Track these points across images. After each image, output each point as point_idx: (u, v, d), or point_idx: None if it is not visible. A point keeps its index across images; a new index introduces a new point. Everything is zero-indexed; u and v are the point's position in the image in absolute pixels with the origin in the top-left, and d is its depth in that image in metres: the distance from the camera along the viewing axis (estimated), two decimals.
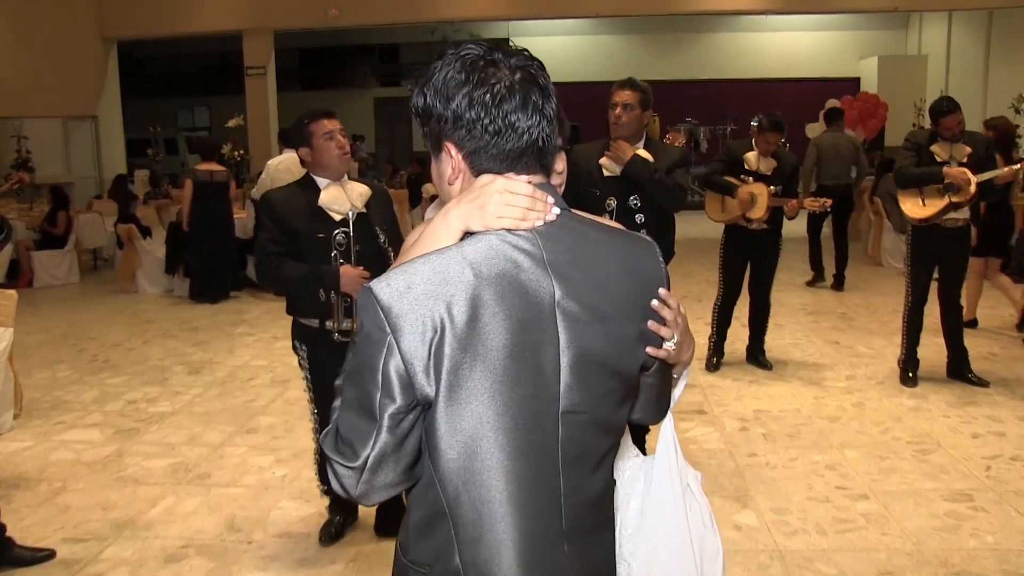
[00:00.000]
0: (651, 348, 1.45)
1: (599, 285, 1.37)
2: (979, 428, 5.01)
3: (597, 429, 1.41)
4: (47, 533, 3.93)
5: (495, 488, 1.34)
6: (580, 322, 1.35)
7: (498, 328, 1.30)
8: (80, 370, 6.77)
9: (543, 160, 1.40)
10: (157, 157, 16.52)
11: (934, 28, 18.84)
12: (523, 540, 1.36)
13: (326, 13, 15.03)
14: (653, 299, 1.44)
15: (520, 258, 1.33)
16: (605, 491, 1.47)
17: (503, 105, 1.33)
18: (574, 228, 1.40)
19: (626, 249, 1.44)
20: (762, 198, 5.91)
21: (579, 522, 1.42)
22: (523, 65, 1.37)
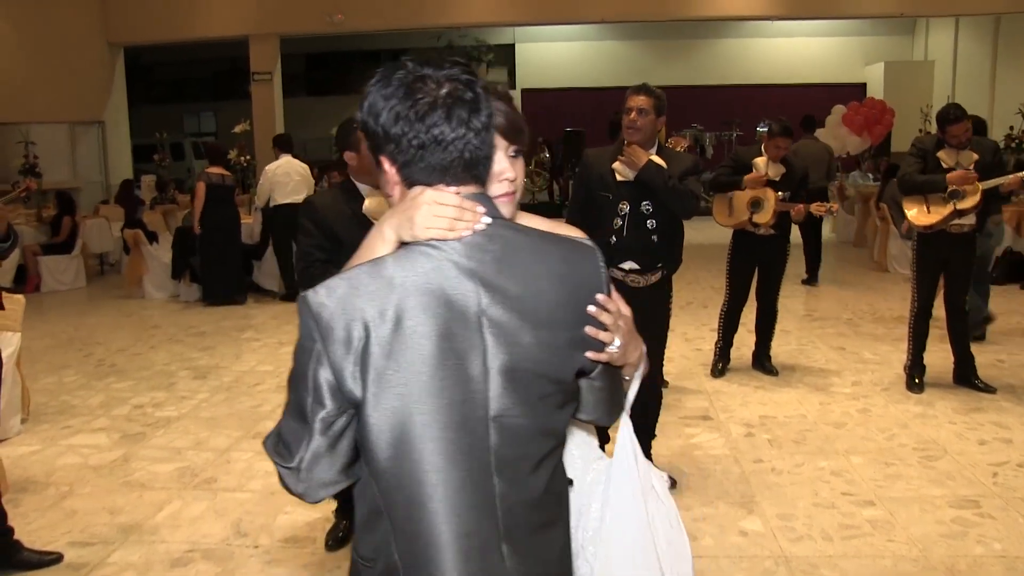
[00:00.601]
0: (591, 353, 1.47)
1: (527, 292, 1.40)
2: (986, 434, 5.00)
3: (532, 433, 1.44)
4: (54, 537, 3.94)
5: (426, 489, 1.39)
6: (508, 329, 1.38)
7: (422, 336, 1.35)
8: (87, 375, 6.79)
9: (474, 171, 1.42)
10: (163, 162, 16.58)
11: (941, 34, 18.83)
12: (457, 540, 1.40)
13: (332, 19, 15.07)
14: (590, 305, 1.46)
15: (446, 268, 1.37)
16: (549, 492, 1.49)
17: (426, 119, 1.36)
18: (505, 237, 1.42)
19: (559, 256, 1.46)
20: (769, 203, 5.92)
21: (518, 523, 1.44)
22: (452, 79, 1.39)
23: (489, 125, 1.42)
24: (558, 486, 1.53)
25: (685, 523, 3.89)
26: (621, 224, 4.06)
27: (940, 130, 5.54)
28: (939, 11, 16.05)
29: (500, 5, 15.34)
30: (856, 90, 19.54)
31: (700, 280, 10.27)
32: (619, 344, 1.50)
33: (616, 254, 4.07)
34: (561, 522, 1.55)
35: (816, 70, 20.97)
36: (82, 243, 11.35)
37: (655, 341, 4.28)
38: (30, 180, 11.37)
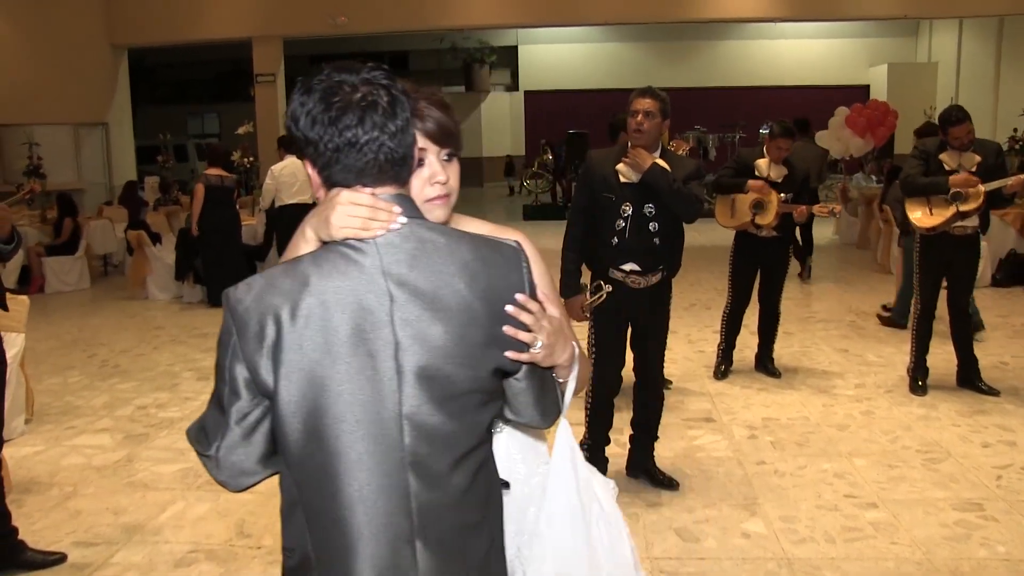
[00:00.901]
0: (512, 353, 1.47)
1: (440, 291, 1.42)
2: (989, 437, 4.99)
3: (447, 431, 1.44)
4: (58, 537, 3.95)
5: (338, 483, 1.42)
6: (419, 328, 1.41)
7: (333, 332, 1.39)
8: (90, 375, 6.80)
9: (391, 173, 1.45)
10: (167, 164, 16.61)
11: (944, 35, 18.83)
12: (368, 534, 1.42)
13: (335, 21, 15.10)
14: (508, 304, 1.46)
15: (359, 266, 1.41)
16: (471, 493, 1.49)
17: (339, 123, 1.40)
18: (421, 236, 1.44)
19: (477, 256, 1.46)
20: (772, 204, 5.91)
21: (434, 522, 1.45)
22: (367, 83, 1.42)
23: (406, 128, 1.45)
24: (484, 488, 1.52)
25: (688, 525, 3.90)
26: (624, 226, 4.07)
27: (942, 132, 5.54)
28: (942, 13, 16.05)
29: (503, 7, 15.35)
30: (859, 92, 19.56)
31: (703, 282, 10.27)
32: (543, 344, 1.49)
33: (618, 255, 4.09)
34: (487, 525, 1.53)
35: (819, 72, 20.98)
36: (86, 244, 11.36)
37: (655, 342, 4.29)
38: (34, 182, 11.39)
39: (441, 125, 1.61)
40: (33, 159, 13.23)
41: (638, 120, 4.03)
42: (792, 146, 6.10)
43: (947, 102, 11.66)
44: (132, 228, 10.84)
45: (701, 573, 3.54)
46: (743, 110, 19.33)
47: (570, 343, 1.58)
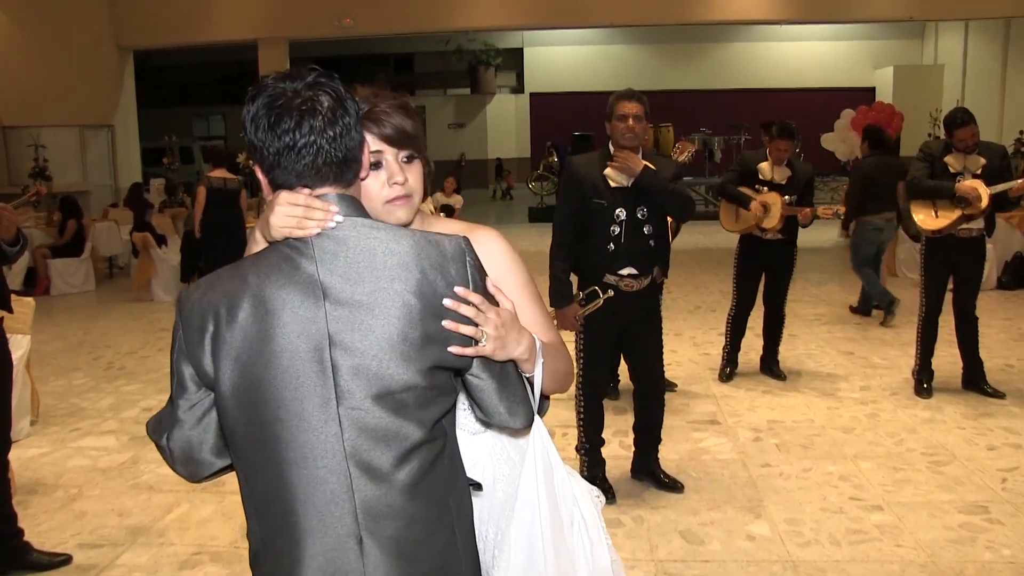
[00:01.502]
0: (455, 348, 1.47)
1: (374, 288, 1.44)
2: (995, 440, 4.98)
3: (385, 427, 1.44)
4: (63, 539, 3.96)
5: (280, 477, 1.45)
6: (351, 324, 1.43)
7: (268, 330, 1.43)
8: (96, 377, 6.82)
9: (332, 173, 1.49)
10: (172, 166, 16.64)
11: (950, 37, 18.80)
12: (312, 532, 1.45)
13: (341, 23, 15.13)
14: (446, 299, 1.46)
15: (293, 264, 1.45)
16: (419, 491, 1.48)
17: (278, 127, 1.44)
18: (358, 234, 1.47)
19: (415, 252, 1.47)
20: (776, 207, 5.90)
21: (379, 518, 1.45)
22: (310, 87, 1.47)
23: (348, 132, 1.49)
24: (440, 486, 1.51)
25: (692, 527, 3.90)
26: (619, 231, 4.06)
27: (947, 134, 5.53)
28: (949, 15, 16.04)
29: (508, 9, 15.37)
30: (865, 94, 19.54)
31: (708, 284, 10.26)
32: (490, 337, 1.49)
33: (616, 261, 4.07)
34: (444, 524, 1.52)
35: (825, 74, 20.97)
36: (91, 246, 11.39)
37: (654, 341, 4.29)
38: (40, 184, 11.42)
39: (398, 128, 1.64)
40: (39, 161, 13.28)
41: (629, 124, 4.03)
42: (792, 147, 6.09)
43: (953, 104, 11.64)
44: (137, 230, 10.86)
45: (706, 575, 3.54)
46: (748, 112, 19.31)
47: (526, 334, 1.57)
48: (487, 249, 1.72)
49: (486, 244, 1.74)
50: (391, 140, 1.64)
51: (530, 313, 1.76)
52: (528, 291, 1.78)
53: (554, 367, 1.69)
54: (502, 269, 1.74)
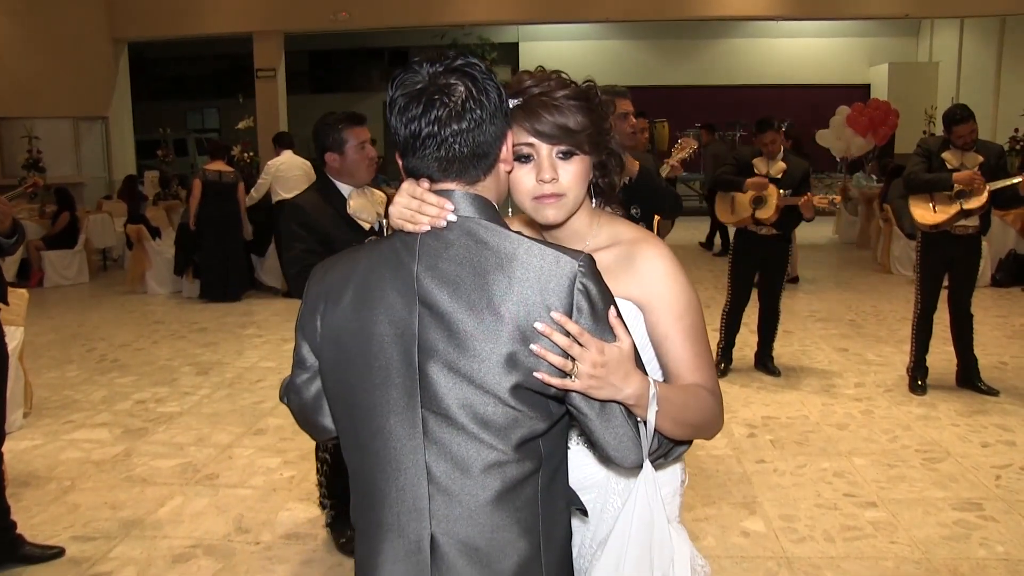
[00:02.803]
0: (542, 375, 1.38)
1: (468, 295, 1.39)
2: (989, 437, 4.99)
3: (460, 432, 1.41)
4: (56, 531, 3.94)
5: (363, 462, 1.49)
6: (440, 327, 1.39)
7: (365, 320, 1.45)
8: (89, 370, 6.79)
9: (455, 169, 1.44)
10: (167, 158, 16.58)
11: (945, 35, 18.79)
12: (381, 530, 1.47)
13: (336, 16, 15.07)
14: (538, 322, 1.37)
15: (398, 259, 1.44)
16: (499, 504, 1.42)
17: (406, 113, 1.42)
18: (470, 238, 1.42)
19: (520, 265, 1.39)
20: (771, 198, 5.90)
21: (450, 527, 1.43)
22: (446, 73, 1.42)
23: (481, 125, 1.42)
24: (524, 508, 1.44)
25: (687, 523, 3.89)
26: None
27: (946, 130, 5.53)
28: (944, 12, 16.04)
29: (504, 4, 15.33)
30: (860, 91, 19.51)
31: (703, 280, 10.26)
32: (584, 373, 1.38)
33: None
34: (526, 545, 1.45)
35: (821, 71, 20.93)
36: (85, 238, 11.35)
37: None
38: (36, 176, 11.38)
39: (553, 123, 1.57)
40: (33, 153, 13.21)
41: (633, 122, 4.02)
42: (777, 138, 6.08)
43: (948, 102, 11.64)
44: (131, 222, 10.83)
45: None
46: (744, 108, 19.27)
47: (635, 379, 1.42)
48: (645, 267, 1.63)
49: (647, 261, 1.64)
50: (542, 135, 1.57)
51: (679, 349, 1.62)
52: (684, 323, 1.63)
53: (682, 416, 1.52)
54: (657, 294, 1.63)
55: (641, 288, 1.62)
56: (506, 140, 1.49)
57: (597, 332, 1.39)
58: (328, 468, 3.70)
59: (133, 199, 12.14)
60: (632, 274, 1.63)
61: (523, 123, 1.56)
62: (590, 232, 1.71)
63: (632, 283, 1.63)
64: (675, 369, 1.62)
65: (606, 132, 1.66)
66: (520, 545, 1.44)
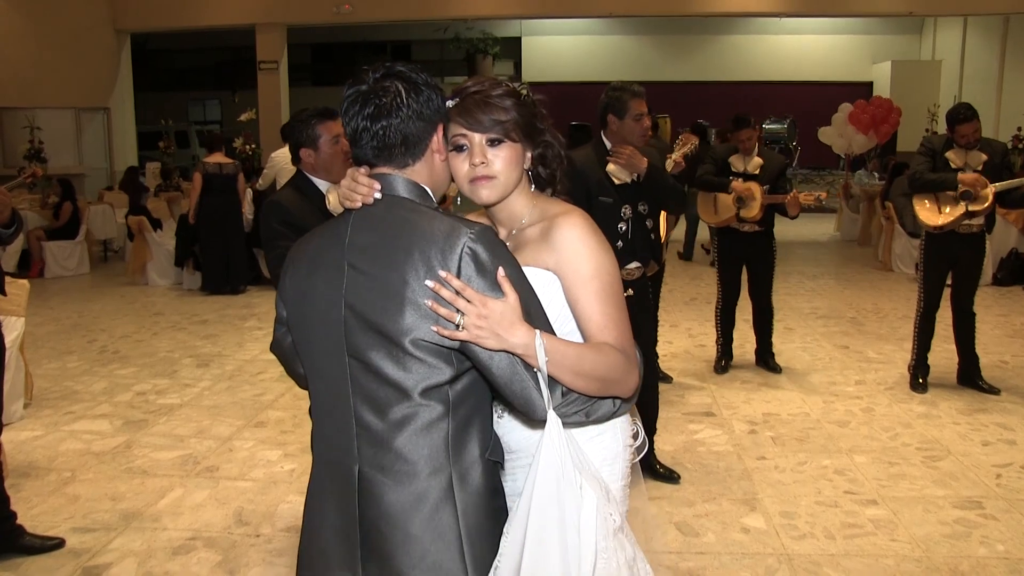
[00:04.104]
0: (435, 327, 1.59)
1: (387, 262, 1.64)
2: (989, 436, 4.99)
3: (376, 378, 1.66)
4: (56, 522, 3.94)
5: (314, 403, 1.80)
6: (361, 290, 1.66)
7: (309, 283, 1.74)
8: (90, 361, 6.79)
9: (385, 156, 1.72)
10: (168, 150, 16.56)
11: (949, 33, 18.76)
12: (324, 460, 1.77)
13: (339, 9, 15.04)
14: (427, 280, 1.60)
15: (338, 232, 1.73)
16: (402, 442, 1.65)
17: (348, 113, 1.72)
18: (392, 212, 1.69)
19: (426, 232, 1.64)
20: (755, 197, 5.90)
21: (370, 457, 1.68)
22: (384, 77, 1.71)
23: (407, 120, 1.69)
24: (436, 451, 1.65)
25: (687, 519, 3.89)
26: (626, 228, 4.04)
27: (949, 129, 5.52)
28: (947, 10, 16.01)
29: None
30: (863, 88, 19.47)
31: (704, 276, 10.26)
32: (470, 324, 1.56)
33: (624, 257, 4.03)
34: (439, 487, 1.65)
35: (823, 68, 20.90)
36: (86, 229, 11.34)
37: (647, 331, 4.26)
38: (36, 166, 11.36)
39: (482, 115, 1.78)
40: (34, 143, 13.19)
41: (644, 124, 4.03)
42: (753, 134, 6.07)
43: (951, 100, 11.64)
44: (133, 214, 10.82)
45: (700, 567, 3.54)
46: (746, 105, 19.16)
47: (520, 329, 1.59)
48: (558, 236, 1.79)
49: (559, 231, 1.80)
50: (472, 125, 1.78)
51: (588, 309, 1.76)
52: (593, 285, 1.76)
53: (580, 368, 1.64)
54: (566, 260, 1.78)
55: (555, 256, 1.78)
56: (437, 133, 1.75)
57: (485, 289, 1.60)
58: None
59: (134, 190, 12.12)
60: (549, 245, 1.80)
61: (457, 118, 1.79)
62: (525, 212, 1.90)
63: (549, 253, 1.80)
64: (586, 329, 1.76)
65: (535, 125, 1.87)
66: (432, 483, 1.65)
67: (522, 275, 1.69)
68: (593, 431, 1.89)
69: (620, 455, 1.96)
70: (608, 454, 1.93)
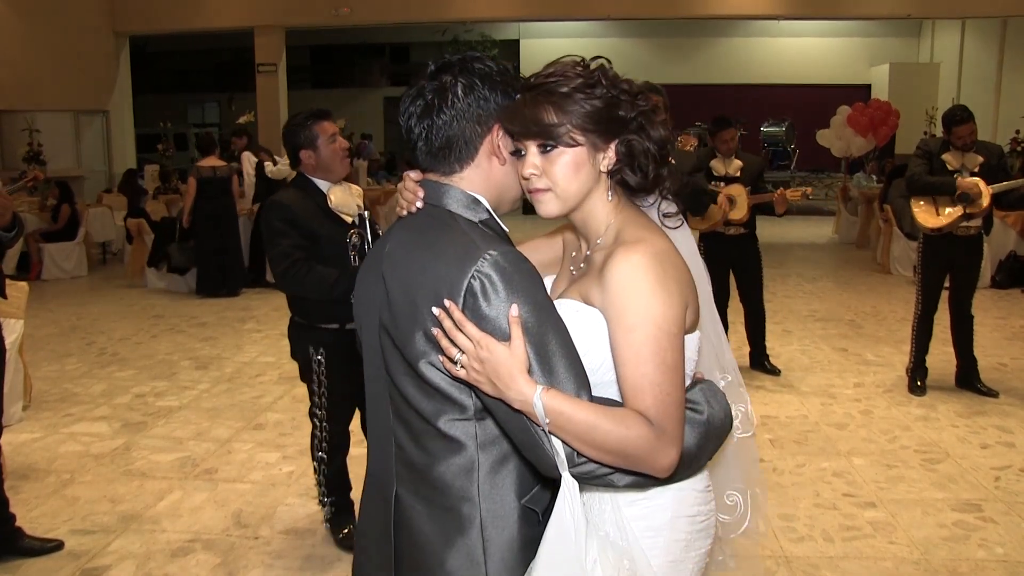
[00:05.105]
0: (439, 356, 1.45)
1: (406, 271, 1.52)
2: (988, 438, 4.99)
3: (405, 403, 1.55)
4: (55, 524, 3.94)
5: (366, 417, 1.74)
6: (387, 304, 1.54)
7: (363, 290, 1.66)
8: (88, 363, 6.79)
9: (428, 161, 1.58)
10: (167, 152, 16.56)
11: (947, 36, 18.79)
12: (370, 471, 1.69)
13: (337, 11, 15.05)
14: (435, 306, 1.44)
15: (386, 237, 1.64)
16: (433, 472, 1.52)
17: (400, 113, 1.59)
18: (425, 223, 1.56)
19: (436, 252, 1.48)
20: (741, 198, 5.91)
21: (406, 480, 1.58)
22: (434, 75, 1.56)
23: (451, 122, 1.53)
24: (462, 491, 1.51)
25: None
26: None
27: (946, 131, 5.53)
28: (946, 13, 16.03)
29: (505, 1, 15.32)
30: (861, 91, 19.51)
31: None
32: (465, 364, 1.41)
33: None
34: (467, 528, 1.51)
35: (821, 70, 20.93)
36: (84, 231, 11.34)
37: None
38: (37, 169, 11.36)
39: (523, 119, 1.53)
40: (33, 145, 13.19)
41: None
42: (735, 135, 6.11)
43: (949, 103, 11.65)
44: (131, 216, 10.82)
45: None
46: (745, 107, 19.26)
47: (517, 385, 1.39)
48: (608, 272, 1.51)
49: (611, 266, 1.51)
50: (517, 131, 1.55)
51: (623, 366, 1.47)
52: (632, 337, 1.46)
53: (590, 438, 1.41)
54: (611, 302, 1.50)
55: (602, 295, 1.52)
56: (492, 134, 1.56)
57: (491, 326, 1.41)
58: (326, 466, 3.69)
59: (133, 193, 12.13)
60: (601, 279, 1.53)
61: (504, 121, 1.56)
62: (602, 229, 1.62)
63: (599, 289, 1.54)
64: (620, 389, 1.48)
65: (616, 116, 1.57)
66: (461, 520, 1.51)
67: (545, 315, 1.44)
68: (637, 494, 1.62)
69: (671, 524, 1.65)
70: (654, 522, 1.63)
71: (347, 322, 3.51)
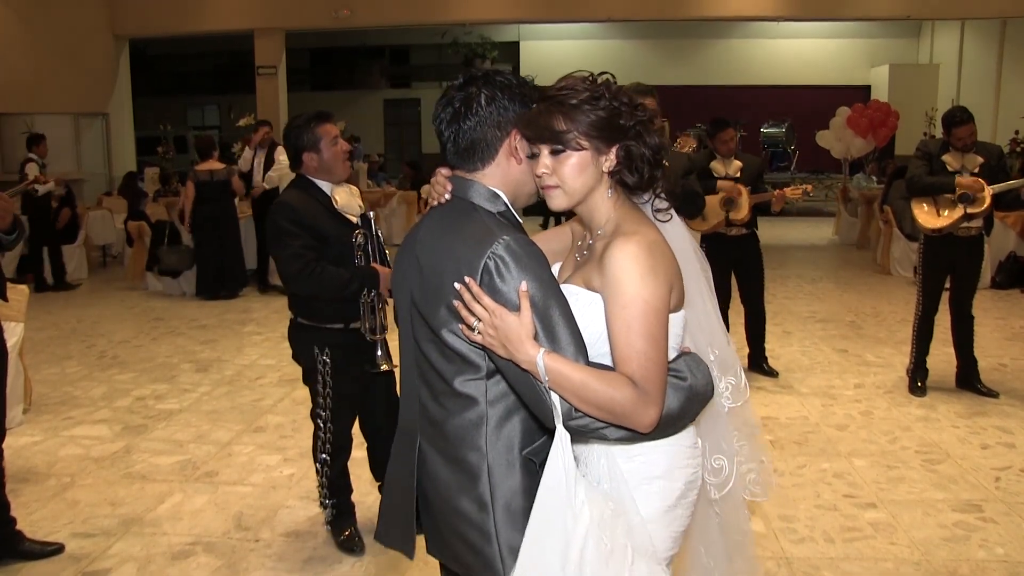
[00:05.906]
0: (460, 324, 1.73)
1: (434, 252, 1.82)
2: (988, 439, 4.99)
3: (429, 366, 1.85)
4: (56, 527, 3.94)
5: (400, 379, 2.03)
6: (420, 278, 1.84)
7: (400, 265, 1.94)
8: (89, 366, 6.79)
9: (455, 159, 1.87)
10: (167, 155, 16.56)
11: (946, 37, 18.80)
12: (400, 427, 2.00)
13: (337, 14, 15.05)
14: (456, 281, 1.72)
15: (420, 224, 1.93)
16: (448, 426, 1.82)
17: (434, 118, 1.88)
18: (451, 212, 1.85)
19: (460, 237, 1.77)
20: (743, 198, 5.92)
21: (428, 433, 1.88)
22: (462, 86, 1.84)
23: (476, 126, 1.81)
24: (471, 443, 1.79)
25: None
26: None
27: (946, 132, 5.53)
28: (945, 14, 16.03)
29: (505, 2, 15.31)
30: (861, 92, 19.53)
31: None
32: (481, 330, 1.69)
33: None
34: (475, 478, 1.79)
35: (821, 72, 20.94)
36: (85, 234, 11.33)
37: None
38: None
39: (537, 127, 1.78)
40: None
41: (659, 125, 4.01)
42: (734, 136, 6.16)
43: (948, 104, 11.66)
44: (131, 219, 10.82)
45: None
46: (744, 109, 19.28)
47: (524, 348, 1.65)
48: (607, 258, 1.74)
49: (609, 253, 1.74)
50: (532, 136, 1.80)
51: (615, 337, 1.71)
52: (625, 313, 1.70)
53: (583, 395, 1.66)
54: (608, 283, 1.73)
55: (601, 278, 1.76)
56: (510, 138, 1.84)
57: (504, 299, 1.69)
58: (329, 468, 3.69)
59: (133, 195, 12.12)
60: (600, 265, 1.78)
61: (520, 127, 1.82)
62: (602, 222, 1.87)
63: (599, 274, 1.78)
64: (612, 357, 1.73)
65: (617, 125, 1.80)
66: (471, 467, 1.79)
67: (550, 290, 1.71)
68: (635, 449, 1.85)
69: (668, 474, 1.88)
70: (650, 473, 1.87)
71: (351, 321, 3.52)
